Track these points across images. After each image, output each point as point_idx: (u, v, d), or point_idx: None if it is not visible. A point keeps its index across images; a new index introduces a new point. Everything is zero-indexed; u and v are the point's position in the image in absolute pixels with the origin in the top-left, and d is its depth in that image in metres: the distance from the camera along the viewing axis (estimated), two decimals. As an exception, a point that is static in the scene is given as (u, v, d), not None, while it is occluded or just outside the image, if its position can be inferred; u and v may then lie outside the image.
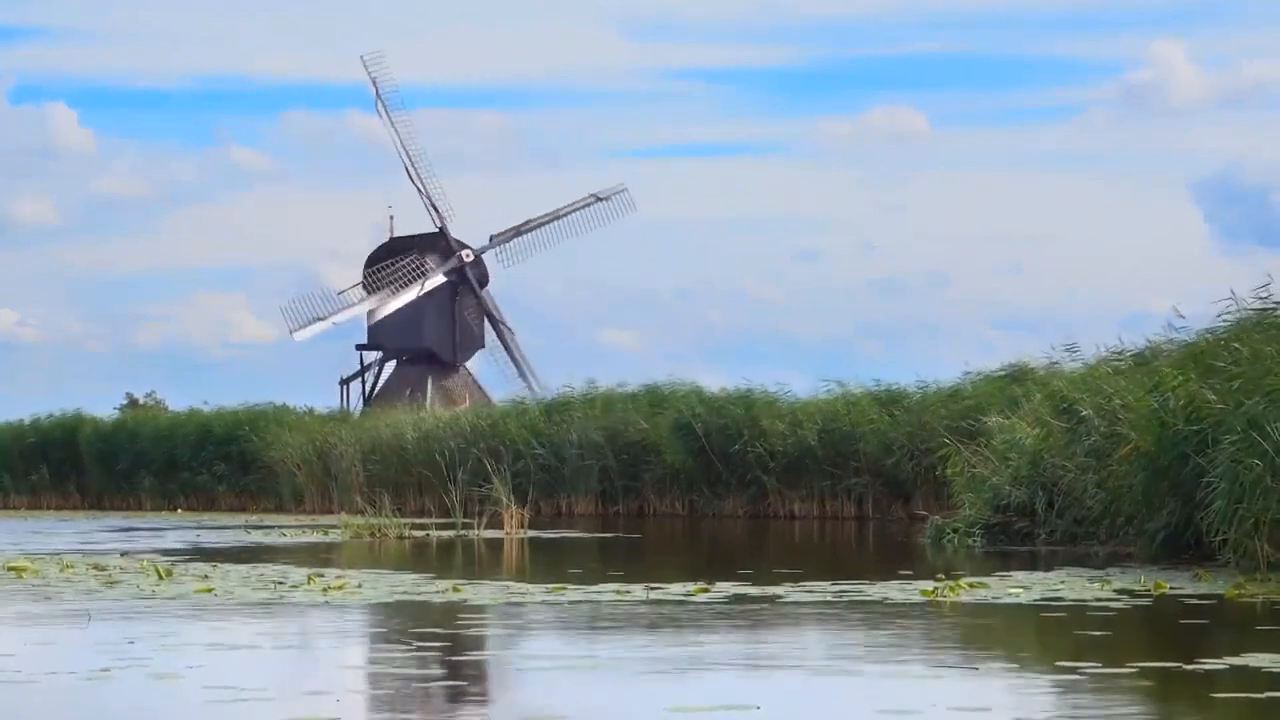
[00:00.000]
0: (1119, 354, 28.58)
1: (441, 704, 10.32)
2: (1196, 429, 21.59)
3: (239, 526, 40.45)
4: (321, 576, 19.83)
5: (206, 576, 20.43)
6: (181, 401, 68.04)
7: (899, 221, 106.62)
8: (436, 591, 18.19)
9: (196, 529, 38.96)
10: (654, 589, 17.92)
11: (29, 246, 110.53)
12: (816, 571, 20.87)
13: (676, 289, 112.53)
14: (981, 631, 14.89)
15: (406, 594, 17.94)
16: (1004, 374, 38.30)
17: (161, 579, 19.82)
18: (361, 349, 68.32)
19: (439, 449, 48.60)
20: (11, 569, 21.75)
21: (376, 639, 14.48)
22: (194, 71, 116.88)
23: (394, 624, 15.45)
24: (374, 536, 32.12)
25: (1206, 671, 11.37)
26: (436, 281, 66.23)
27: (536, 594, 17.76)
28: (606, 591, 17.90)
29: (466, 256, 66.55)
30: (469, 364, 68.56)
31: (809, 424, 42.34)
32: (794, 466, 42.79)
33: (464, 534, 33.21)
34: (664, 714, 9.74)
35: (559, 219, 66.59)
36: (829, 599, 17.02)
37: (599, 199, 66.70)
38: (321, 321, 64.96)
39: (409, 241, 67.23)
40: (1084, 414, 25.55)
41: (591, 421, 47.29)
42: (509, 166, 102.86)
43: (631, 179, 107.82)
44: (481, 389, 67.31)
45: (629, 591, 17.77)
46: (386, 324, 67.09)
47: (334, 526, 36.19)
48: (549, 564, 25.58)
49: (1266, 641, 13.10)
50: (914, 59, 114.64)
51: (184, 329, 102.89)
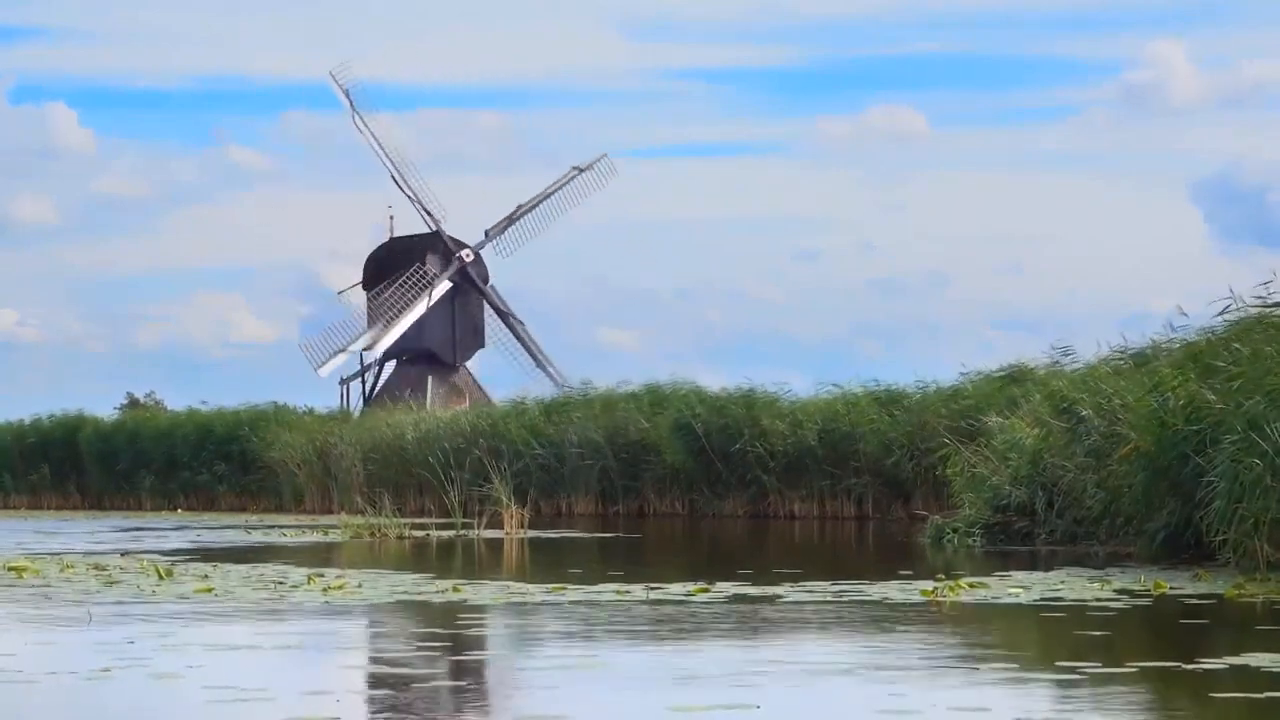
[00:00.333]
0: (1120, 352, 28.58)
1: (441, 704, 10.32)
2: (1196, 429, 21.58)
3: (239, 526, 40.46)
4: (321, 576, 19.82)
5: (206, 576, 20.43)
6: (181, 401, 68.11)
7: (899, 221, 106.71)
8: (436, 591, 18.19)
9: (197, 529, 38.95)
10: (654, 589, 17.92)
11: (29, 246, 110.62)
12: (816, 571, 20.86)
13: (676, 289, 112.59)
14: (981, 631, 14.89)
15: (406, 594, 17.94)
16: (1004, 374, 38.27)
17: (161, 579, 19.82)
18: (362, 349, 68.32)
19: (439, 449, 48.58)
20: (11, 569, 21.75)
21: (376, 639, 14.47)
22: (194, 71, 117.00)
23: (394, 624, 15.45)
24: (374, 536, 32.12)
25: (1206, 671, 11.37)
26: (443, 289, 66.31)
27: (536, 594, 17.75)
28: (606, 591, 17.90)
29: (466, 256, 66.56)
30: (469, 364, 68.54)
31: (809, 424, 42.33)
32: (794, 466, 42.78)
33: (464, 534, 33.21)
34: (664, 714, 9.74)
35: (547, 199, 66.77)
36: (829, 599, 17.02)
37: (581, 171, 66.97)
38: (342, 353, 65.39)
39: (409, 242, 67.23)
40: (1084, 414, 25.55)
41: (591, 421, 47.29)
42: (509, 166, 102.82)
43: (631, 179, 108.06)
44: (481, 389, 67.29)
45: (629, 591, 17.77)
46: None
47: (334, 526, 36.19)
48: (549, 564, 25.57)
49: (1266, 641, 13.09)
50: (914, 59, 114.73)
51: (184, 329, 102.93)
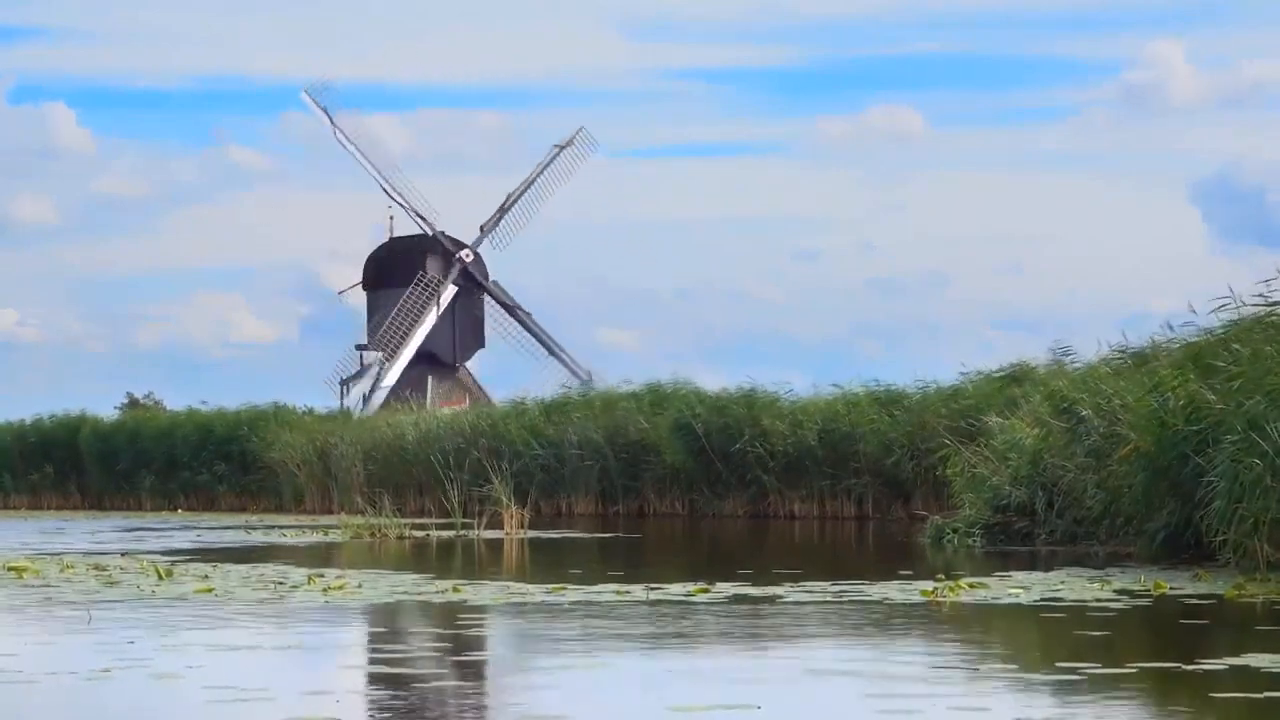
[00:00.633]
0: (1120, 352, 28.58)
1: (441, 704, 10.32)
2: (1196, 429, 21.57)
3: (239, 527, 40.45)
4: (321, 576, 19.82)
5: (206, 576, 20.42)
6: (181, 401, 68.10)
7: (898, 221, 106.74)
8: (436, 591, 18.19)
9: (198, 529, 38.95)
10: (654, 589, 17.92)
11: (29, 246, 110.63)
12: (816, 572, 20.86)
13: (676, 289, 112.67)
14: (981, 632, 14.89)
15: (406, 594, 17.94)
16: (1005, 374, 38.24)
17: (161, 579, 19.82)
18: (361, 349, 68.33)
19: (439, 449, 48.58)
20: (11, 569, 21.74)
21: (376, 639, 14.47)
22: (193, 71, 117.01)
23: (394, 624, 15.45)
24: (374, 536, 32.11)
25: (1206, 672, 11.37)
26: (450, 295, 66.34)
27: (536, 594, 17.75)
28: (606, 592, 17.89)
29: (466, 256, 66.55)
30: (469, 364, 68.53)
31: (809, 424, 42.32)
32: (794, 466, 42.77)
33: (464, 534, 33.21)
34: (664, 714, 9.74)
35: (533, 183, 66.77)
36: (829, 599, 17.02)
37: (561, 148, 67.01)
38: (357, 379, 65.91)
39: (409, 242, 67.25)
40: (1084, 414, 25.55)
41: (591, 421, 47.28)
42: (509, 167, 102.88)
43: (632, 179, 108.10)
44: (481, 389, 67.29)
45: (629, 591, 17.76)
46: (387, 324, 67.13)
47: (334, 526, 36.18)
48: (549, 564, 25.57)
49: (1266, 641, 13.10)
50: (913, 59, 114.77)
51: (184, 329, 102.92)
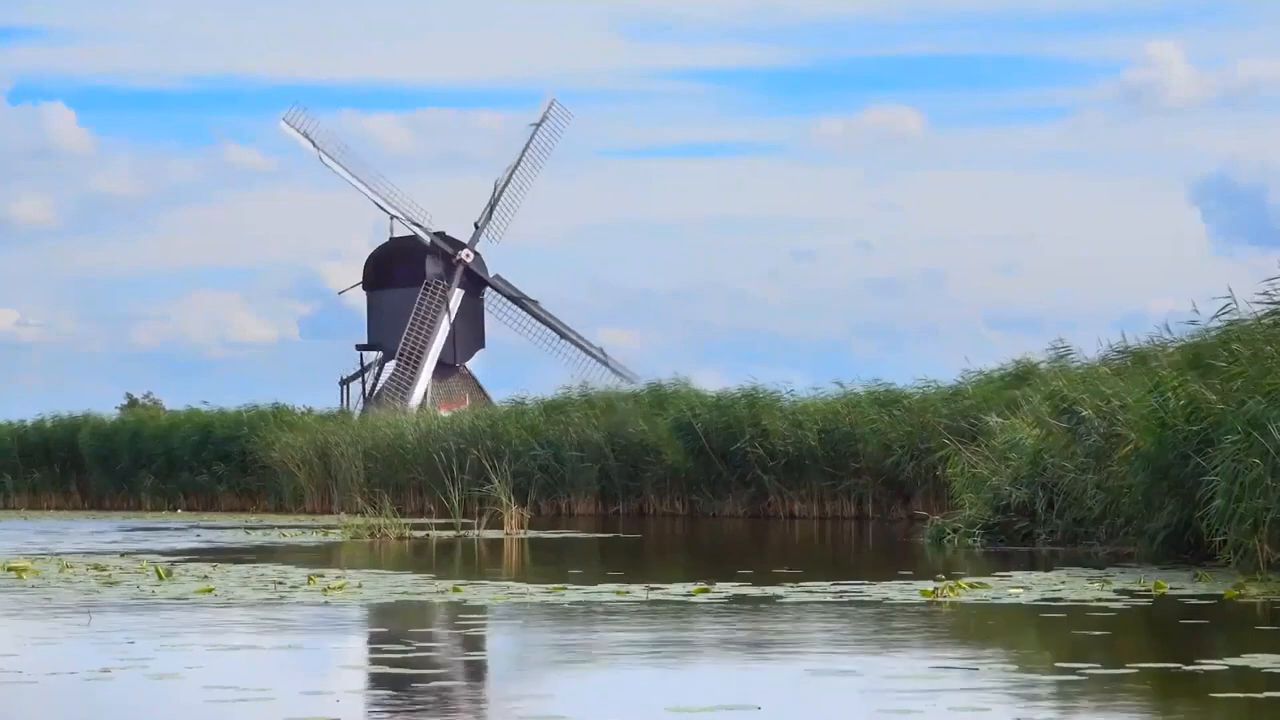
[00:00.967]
0: (1120, 351, 28.58)
1: (441, 704, 10.32)
2: (1196, 429, 21.58)
3: (239, 527, 40.45)
4: (321, 577, 19.82)
5: (206, 576, 20.42)
6: (180, 401, 67.98)
7: (896, 221, 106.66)
8: (436, 592, 18.19)
9: (201, 529, 38.95)
10: (654, 589, 17.92)
11: (28, 246, 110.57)
12: (817, 572, 20.86)
13: (675, 289, 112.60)
14: (981, 632, 14.89)
15: (406, 594, 17.94)
16: (1007, 373, 38.17)
17: (161, 579, 19.82)
18: (361, 349, 68.30)
19: (439, 449, 48.58)
20: (11, 569, 21.74)
21: (376, 639, 14.47)
22: (192, 72, 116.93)
23: (394, 624, 15.45)
24: (374, 537, 32.10)
25: (1206, 672, 11.37)
26: (458, 298, 66.38)
27: (536, 594, 17.75)
28: (606, 592, 17.89)
29: (466, 256, 66.52)
30: (469, 364, 68.51)
31: (809, 424, 42.31)
32: (794, 466, 42.76)
33: (464, 534, 33.21)
34: (663, 714, 9.75)
35: (518, 168, 66.68)
36: (829, 599, 17.02)
37: (537, 125, 66.94)
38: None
39: (409, 242, 67.21)
40: (1084, 414, 25.55)
41: (591, 422, 47.28)
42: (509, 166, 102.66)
43: (632, 179, 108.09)
44: (482, 389, 67.27)
45: (629, 592, 17.76)
46: (386, 324, 67.10)
47: (334, 527, 36.18)
48: (549, 564, 25.57)
49: (1266, 641, 13.10)
50: (911, 59, 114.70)
51: (183, 329, 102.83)
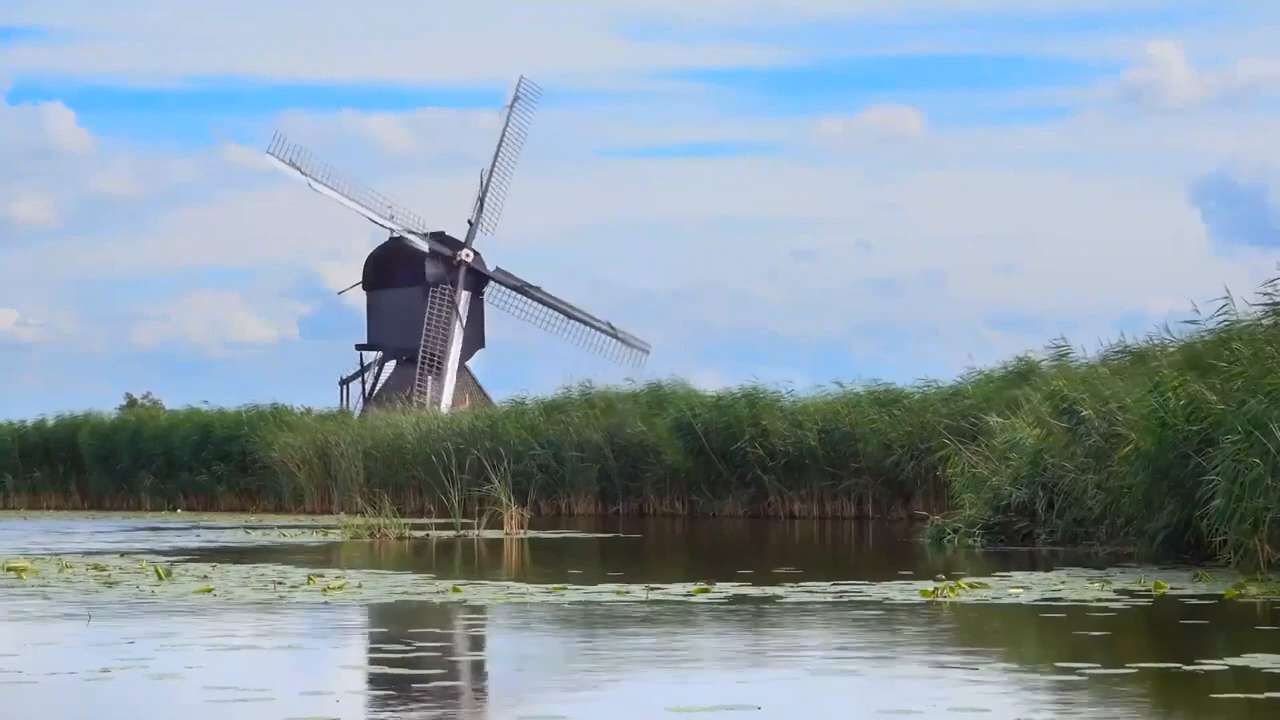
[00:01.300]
0: (1120, 351, 28.59)
1: (441, 704, 10.32)
2: (1196, 429, 21.59)
3: (239, 527, 40.45)
4: (321, 577, 19.82)
5: (206, 577, 20.42)
6: (179, 401, 68.00)
7: (896, 221, 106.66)
8: (436, 592, 18.19)
9: (203, 529, 38.95)
10: (654, 589, 17.92)
11: (28, 246, 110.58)
12: (817, 572, 20.87)
13: (676, 289, 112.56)
14: (981, 631, 14.89)
15: (406, 594, 17.93)
16: (1009, 371, 38.17)
17: (161, 579, 19.82)
18: (361, 349, 68.22)
19: (439, 449, 48.59)
20: (11, 569, 21.73)
21: (376, 639, 14.46)
22: (192, 71, 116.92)
23: (394, 624, 15.44)
24: (374, 537, 32.11)
25: (1206, 672, 11.37)
26: (465, 301, 66.35)
27: (536, 594, 17.75)
28: (606, 592, 17.89)
29: (466, 256, 66.45)
30: (469, 364, 68.47)
31: (809, 424, 42.32)
32: (794, 466, 42.78)
33: (464, 534, 33.21)
34: (663, 714, 9.74)
35: (499, 154, 66.57)
36: (829, 599, 17.02)
37: (510, 106, 66.84)
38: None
39: (409, 242, 67.14)
40: (1084, 414, 25.56)
41: (591, 422, 47.29)
42: (508, 166, 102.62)
43: (632, 179, 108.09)
44: (481, 389, 67.23)
45: (629, 592, 17.76)
46: (386, 324, 67.06)
47: (334, 526, 36.18)
48: (549, 564, 25.56)
49: (1266, 641, 13.10)
50: (910, 59, 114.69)
51: (182, 329, 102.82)
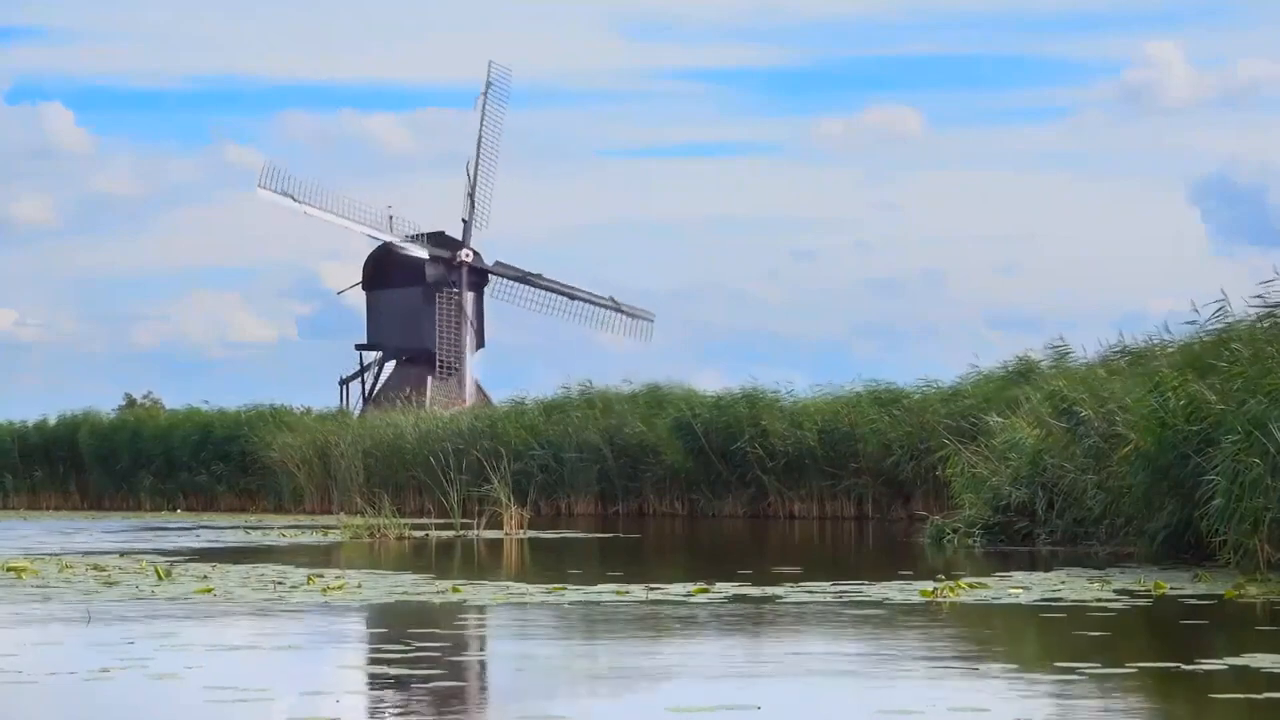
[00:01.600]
0: (1120, 351, 28.59)
1: (441, 704, 10.32)
2: (1196, 429, 21.59)
3: (238, 527, 40.45)
4: (321, 577, 19.82)
5: (206, 577, 20.42)
6: (179, 401, 67.99)
7: (896, 221, 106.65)
8: (436, 592, 18.19)
9: (204, 529, 38.95)
10: (654, 589, 17.92)
11: (27, 246, 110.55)
12: (816, 572, 20.87)
13: (675, 289, 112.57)
14: (981, 632, 14.89)
15: (406, 594, 17.94)
16: (1008, 371, 38.17)
17: (161, 579, 19.82)
18: (361, 349, 68.19)
19: (439, 449, 48.59)
20: (11, 569, 21.73)
21: (376, 639, 14.46)
22: (191, 71, 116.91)
23: (394, 624, 15.44)
24: (373, 537, 32.11)
25: (1206, 672, 11.37)
26: (471, 301, 66.34)
27: (536, 594, 17.76)
28: (606, 592, 17.90)
29: (466, 256, 66.42)
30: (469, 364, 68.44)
31: (809, 424, 42.32)
32: (794, 466, 42.79)
33: (463, 534, 33.21)
34: (664, 714, 9.74)
35: (480, 147, 66.39)
36: (829, 599, 17.02)
37: (484, 93, 66.62)
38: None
39: (408, 251, 67.08)
40: (1083, 414, 25.56)
41: (590, 422, 47.29)
42: (508, 167, 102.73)
43: (632, 179, 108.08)
44: (481, 389, 67.22)
45: (629, 591, 17.77)
46: (386, 324, 67.04)
47: (333, 527, 36.19)
48: (548, 564, 25.57)
49: (1266, 641, 13.10)
50: (911, 59, 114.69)
51: (182, 329, 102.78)
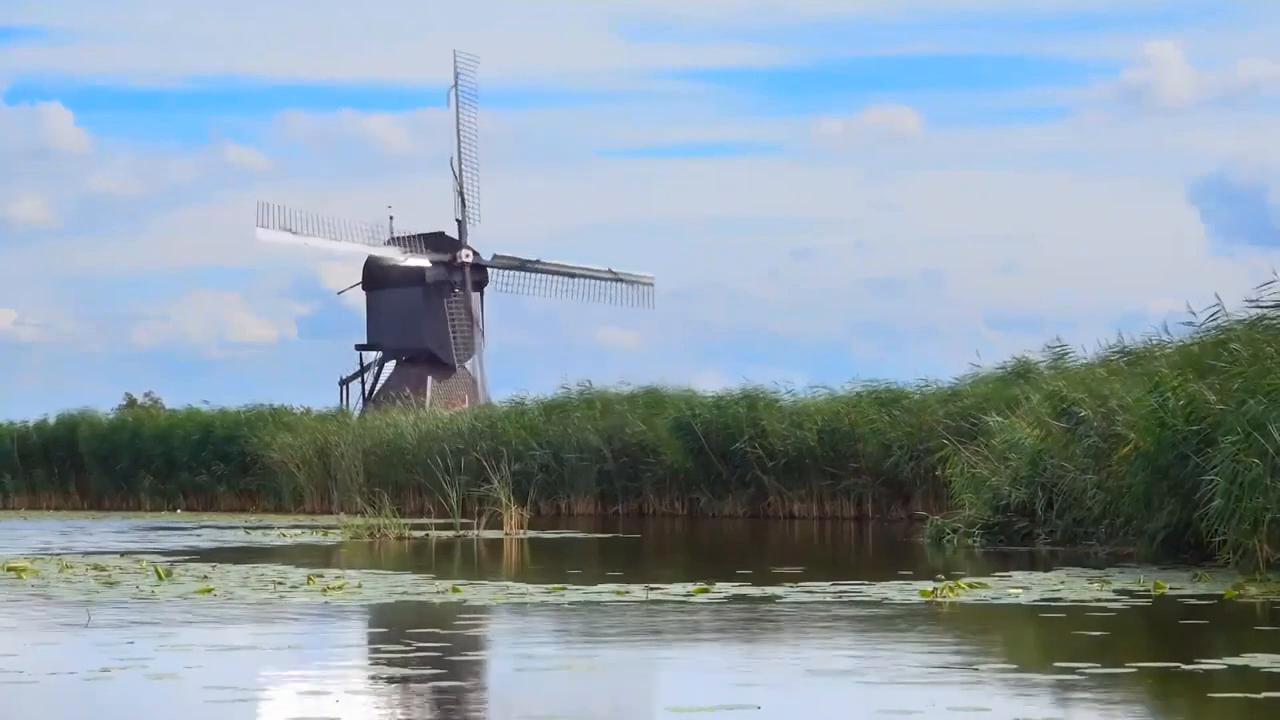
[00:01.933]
0: (1119, 351, 28.60)
1: (441, 704, 10.32)
2: (1196, 429, 21.59)
3: (238, 527, 40.45)
4: (321, 577, 19.83)
5: (206, 577, 20.43)
6: (179, 401, 67.93)
7: (895, 221, 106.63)
8: (436, 592, 18.20)
9: (206, 529, 38.95)
10: (654, 589, 17.92)
11: (26, 246, 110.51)
12: (816, 572, 20.87)
13: (675, 289, 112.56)
14: (981, 632, 14.89)
15: (406, 594, 17.94)
16: (1008, 371, 38.17)
17: (161, 579, 19.82)
18: (361, 349, 68.18)
19: (439, 449, 48.57)
20: (11, 569, 21.74)
21: (376, 639, 14.47)
22: (190, 71, 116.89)
23: (394, 624, 15.45)
24: (373, 537, 32.12)
25: (1206, 672, 11.37)
26: (476, 300, 66.34)
27: (536, 594, 17.76)
28: (606, 592, 17.90)
29: (466, 256, 66.37)
30: (469, 364, 68.43)
31: (809, 424, 42.31)
32: (794, 466, 42.76)
33: (463, 534, 33.22)
34: (664, 714, 9.75)
35: (459, 140, 66.17)
36: (829, 599, 17.03)
37: (455, 85, 66.32)
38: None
39: (409, 241, 67.09)
40: (1083, 414, 25.56)
41: (590, 422, 47.28)
42: (508, 167, 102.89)
43: (632, 179, 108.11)
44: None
45: (629, 591, 17.77)
46: (386, 324, 67.03)
47: (334, 527, 36.19)
48: (548, 564, 25.57)
49: (1266, 641, 13.11)
50: (911, 59, 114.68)
51: (182, 329, 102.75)
